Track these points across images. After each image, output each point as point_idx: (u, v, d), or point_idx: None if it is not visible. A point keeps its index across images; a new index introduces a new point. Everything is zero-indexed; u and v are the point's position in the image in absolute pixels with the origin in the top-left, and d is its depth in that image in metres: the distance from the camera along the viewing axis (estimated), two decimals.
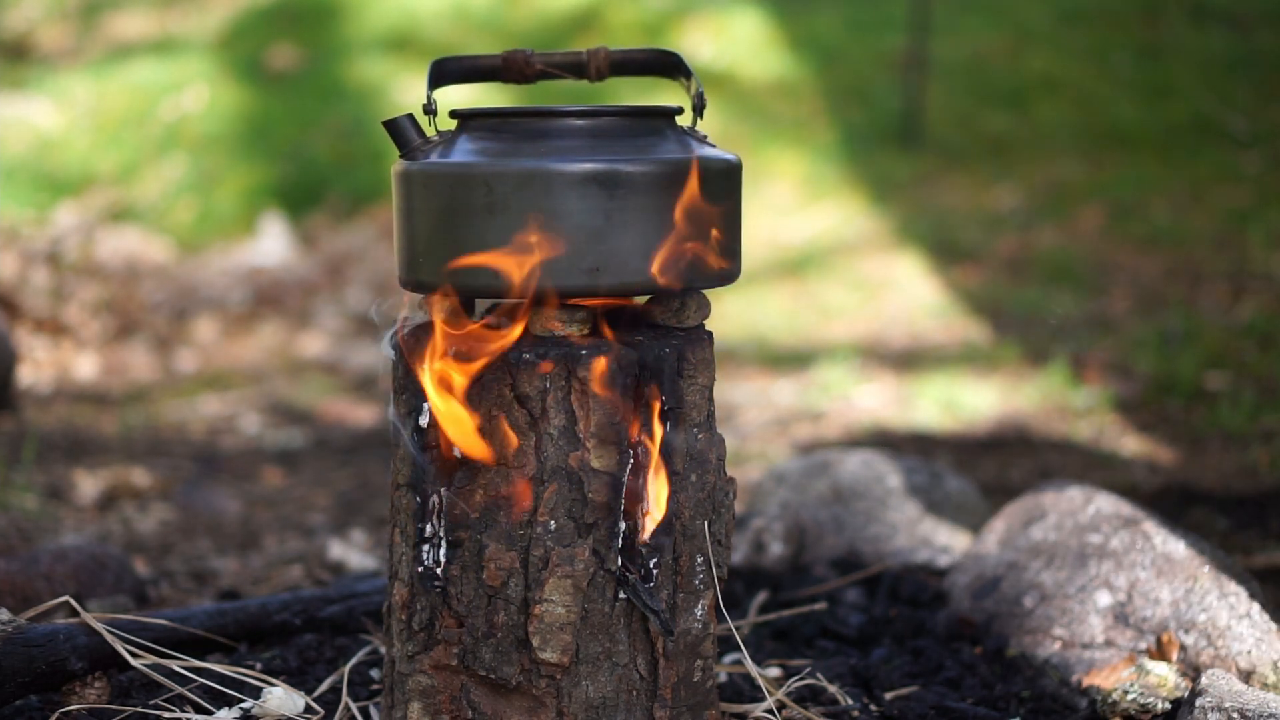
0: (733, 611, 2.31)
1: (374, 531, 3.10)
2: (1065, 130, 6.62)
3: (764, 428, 4.02)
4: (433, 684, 1.69)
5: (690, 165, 1.64)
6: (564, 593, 1.63)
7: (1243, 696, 1.77)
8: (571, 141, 1.63)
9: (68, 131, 7.24)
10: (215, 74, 7.73)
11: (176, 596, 2.64)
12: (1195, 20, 7.34)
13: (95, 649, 1.91)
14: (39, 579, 2.35)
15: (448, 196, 1.63)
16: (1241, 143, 6.18)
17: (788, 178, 6.51)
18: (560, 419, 1.63)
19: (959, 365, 4.44)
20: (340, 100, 7.46)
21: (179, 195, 6.72)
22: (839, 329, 4.97)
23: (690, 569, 1.71)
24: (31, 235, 5.88)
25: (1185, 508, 3.07)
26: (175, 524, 3.23)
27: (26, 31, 8.56)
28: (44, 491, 3.39)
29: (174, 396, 4.70)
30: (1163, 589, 2.11)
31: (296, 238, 6.38)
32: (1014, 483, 3.33)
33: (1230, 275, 4.97)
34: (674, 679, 1.71)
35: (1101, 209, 5.81)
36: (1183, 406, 3.90)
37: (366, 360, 5.06)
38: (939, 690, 2.02)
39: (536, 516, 1.64)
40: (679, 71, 1.89)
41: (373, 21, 8.24)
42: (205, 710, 1.86)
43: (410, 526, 1.70)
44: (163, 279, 5.92)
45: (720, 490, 1.75)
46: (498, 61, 1.93)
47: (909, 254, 5.61)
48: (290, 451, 4.05)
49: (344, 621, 2.16)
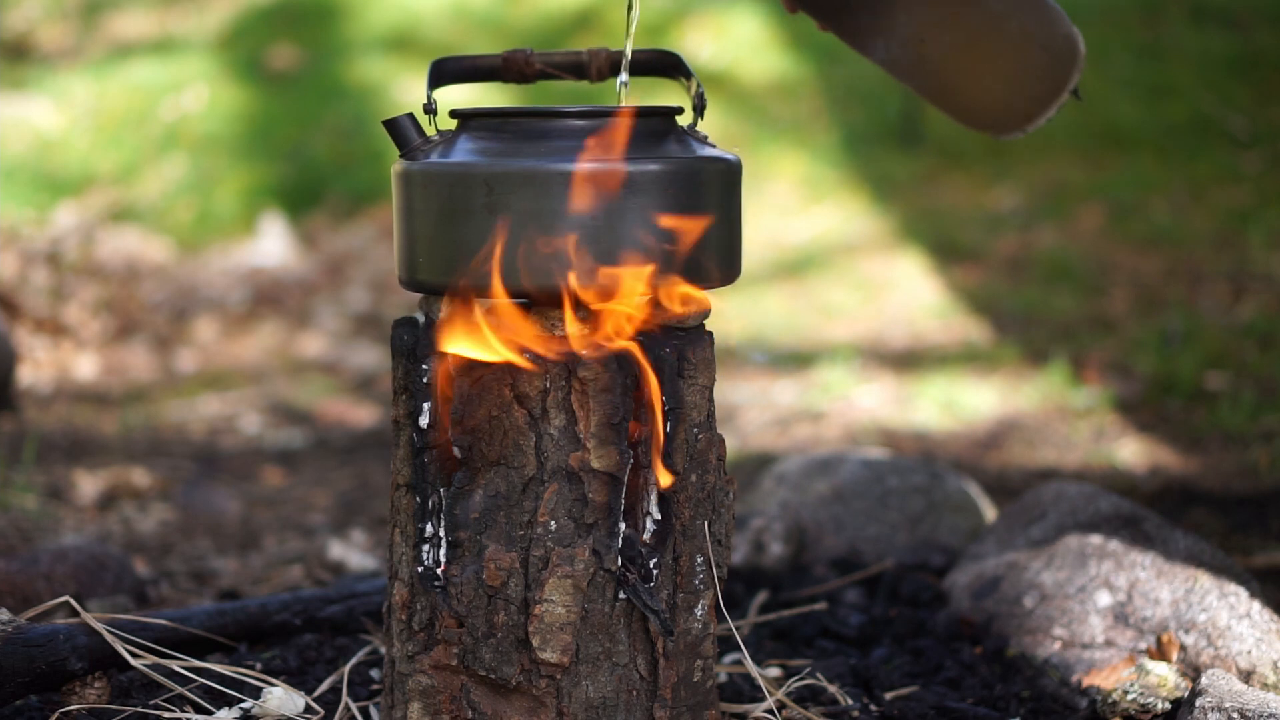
0: (733, 611, 2.31)
1: (374, 531, 3.10)
2: (1065, 130, 6.62)
3: (764, 428, 4.02)
4: (433, 684, 1.69)
5: (690, 166, 1.64)
6: (564, 593, 1.63)
7: (1243, 696, 1.77)
8: (572, 142, 1.63)
9: (68, 131, 7.24)
10: (215, 74, 7.73)
11: (176, 596, 2.64)
12: (1195, 20, 7.33)
13: (95, 649, 1.91)
14: (39, 579, 2.35)
15: (448, 196, 1.63)
16: (1241, 143, 6.18)
17: (788, 178, 6.51)
18: (560, 419, 1.63)
19: (959, 365, 4.44)
20: (340, 100, 7.46)
21: (179, 195, 6.72)
22: (839, 329, 4.97)
23: (690, 569, 1.71)
24: (31, 235, 5.88)
25: (1185, 508, 3.07)
26: (175, 524, 3.23)
27: (26, 31, 8.56)
28: (44, 491, 3.39)
29: (174, 396, 4.70)
30: (1163, 589, 2.11)
31: (296, 238, 6.38)
32: (1014, 483, 3.33)
33: (1230, 275, 4.97)
34: (674, 679, 1.71)
35: (1101, 209, 5.81)
36: (1183, 406, 3.90)
37: (366, 360, 5.06)
38: (939, 690, 2.02)
39: (536, 516, 1.64)
40: (679, 72, 1.89)
41: (373, 21, 8.23)
42: (205, 710, 1.86)
43: (410, 526, 1.70)
44: (163, 279, 5.92)
45: (720, 490, 1.75)
46: (498, 61, 1.93)
47: (909, 254, 5.61)
48: (290, 451, 4.05)
49: (344, 621, 2.16)
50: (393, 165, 1.71)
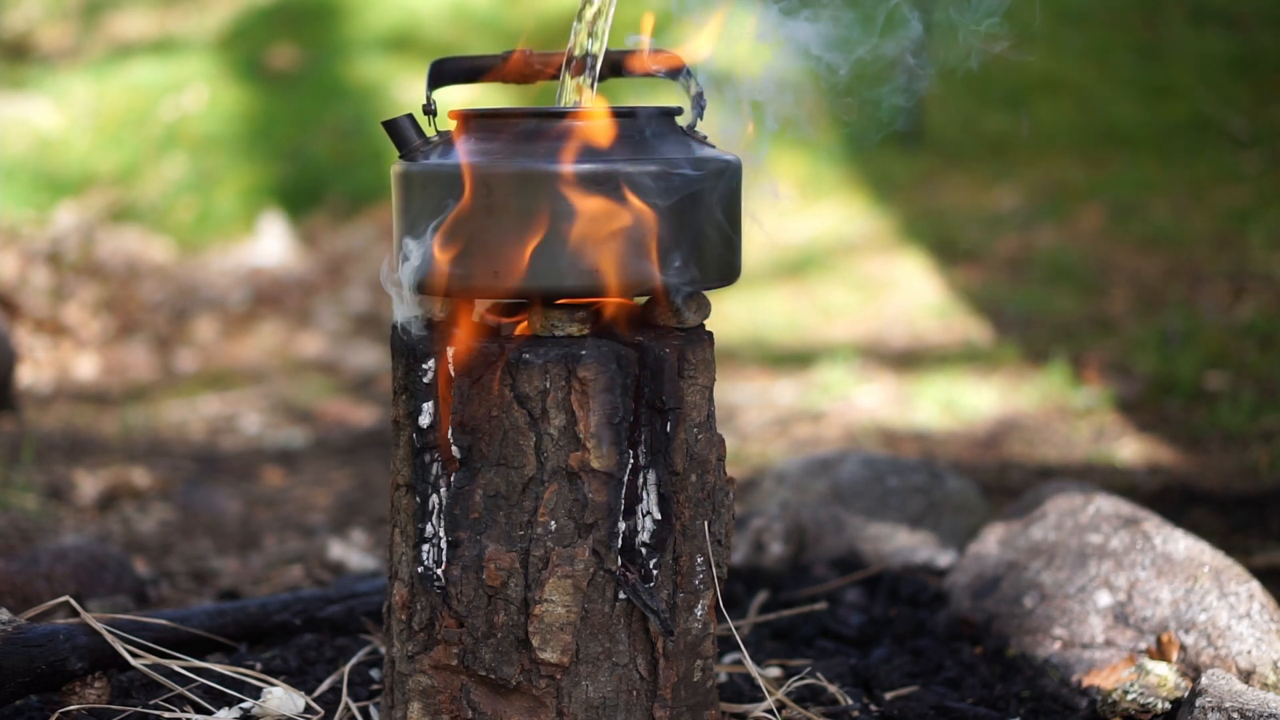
0: (733, 611, 2.30)
1: (374, 531, 3.10)
2: (1065, 130, 6.62)
3: (764, 428, 4.02)
4: (433, 684, 1.69)
5: (690, 166, 1.64)
6: (564, 593, 1.63)
7: (1243, 696, 1.77)
8: (572, 143, 1.63)
9: (68, 131, 7.24)
10: (215, 74, 7.73)
11: (176, 596, 2.64)
12: (1195, 20, 7.34)
13: (95, 649, 1.91)
14: (39, 579, 2.35)
15: (447, 197, 1.63)
16: (1241, 143, 6.18)
17: (788, 178, 6.51)
18: (560, 419, 1.63)
19: (959, 365, 4.44)
20: (340, 100, 7.46)
21: (179, 195, 6.72)
22: (839, 329, 4.97)
23: (690, 569, 1.71)
24: (31, 235, 5.88)
25: (1185, 508, 3.07)
26: (175, 524, 3.23)
27: (26, 31, 8.56)
28: (44, 491, 3.39)
29: (174, 396, 4.70)
30: (1163, 589, 2.11)
31: (296, 238, 6.38)
32: (1014, 483, 3.33)
33: (1230, 275, 4.97)
34: (674, 679, 1.71)
35: (1101, 209, 5.81)
36: (1183, 406, 3.91)
37: (366, 360, 5.06)
38: (939, 690, 2.02)
39: (536, 516, 1.64)
40: (679, 72, 1.89)
41: (373, 21, 8.23)
42: (205, 710, 1.86)
43: (410, 526, 1.70)
44: (163, 279, 5.91)
45: (720, 490, 1.75)
46: (498, 62, 1.93)
47: (909, 254, 5.61)
48: (290, 451, 4.05)
49: (344, 621, 2.16)
50: (392, 166, 1.71)
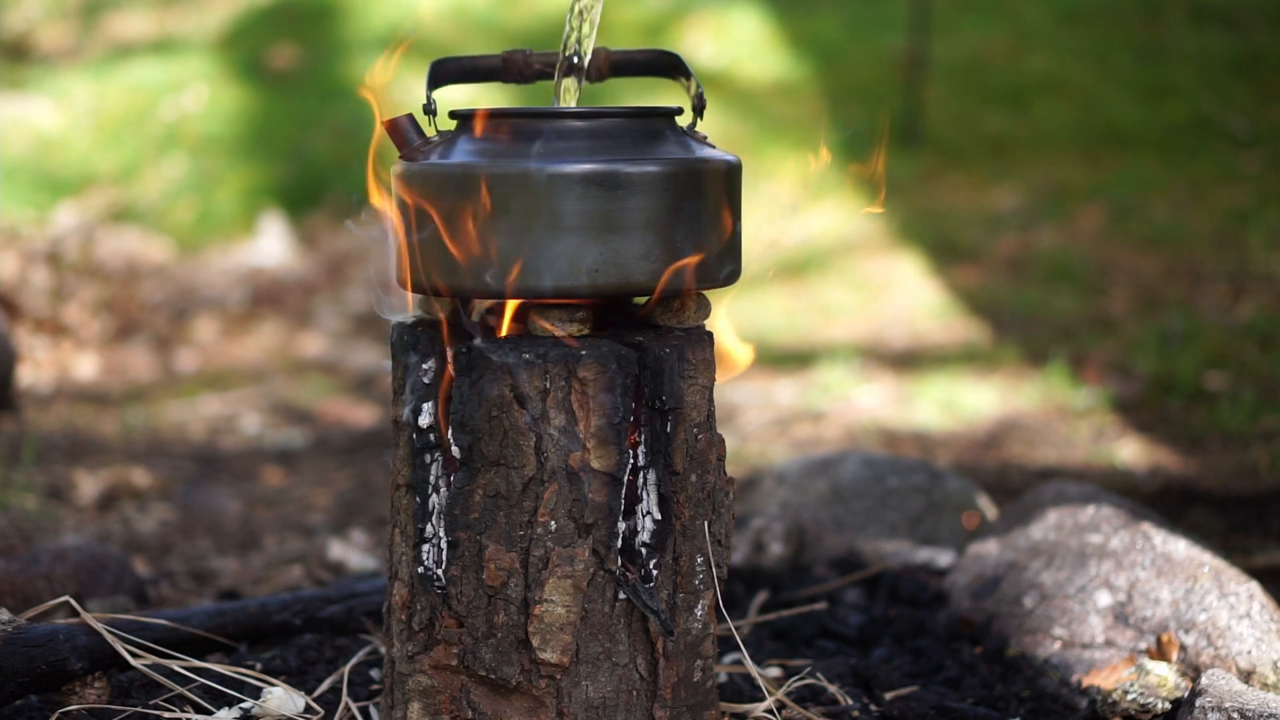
0: (733, 611, 2.30)
1: (374, 531, 3.10)
2: (1065, 130, 6.62)
3: (764, 428, 4.02)
4: (433, 684, 1.69)
5: (690, 166, 1.64)
6: (564, 593, 1.63)
7: (1243, 696, 1.77)
8: (571, 142, 1.63)
9: (68, 131, 7.24)
10: (215, 74, 7.73)
11: (176, 596, 2.64)
12: (1195, 20, 7.33)
13: (95, 649, 1.91)
14: (39, 579, 2.35)
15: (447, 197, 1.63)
16: (1241, 143, 6.18)
17: (788, 178, 6.51)
18: (560, 419, 1.63)
19: (959, 365, 4.44)
20: (340, 100, 7.45)
21: (179, 195, 6.72)
22: (839, 329, 4.97)
23: (690, 569, 1.71)
24: (31, 235, 5.88)
25: (1185, 508, 3.07)
26: (175, 524, 3.23)
27: (26, 31, 8.55)
28: (44, 491, 3.39)
29: (174, 396, 4.70)
30: (1163, 589, 2.11)
31: (296, 238, 6.38)
32: (1014, 483, 3.33)
33: (1230, 275, 4.98)
34: (674, 679, 1.71)
35: (1101, 209, 5.81)
36: (1183, 406, 3.91)
37: (366, 360, 5.06)
38: (939, 690, 2.02)
39: (536, 517, 1.64)
40: (679, 72, 1.89)
41: (373, 21, 8.23)
42: (205, 710, 1.86)
43: (410, 526, 1.70)
44: (163, 279, 5.91)
45: (720, 490, 1.75)
46: (497, 61, 1.93)
47: (909, 254, 5.61)
48: (290, 451, 4.05)
49: (344, 621, 2.16)
50: (392, 166, 1.71)
